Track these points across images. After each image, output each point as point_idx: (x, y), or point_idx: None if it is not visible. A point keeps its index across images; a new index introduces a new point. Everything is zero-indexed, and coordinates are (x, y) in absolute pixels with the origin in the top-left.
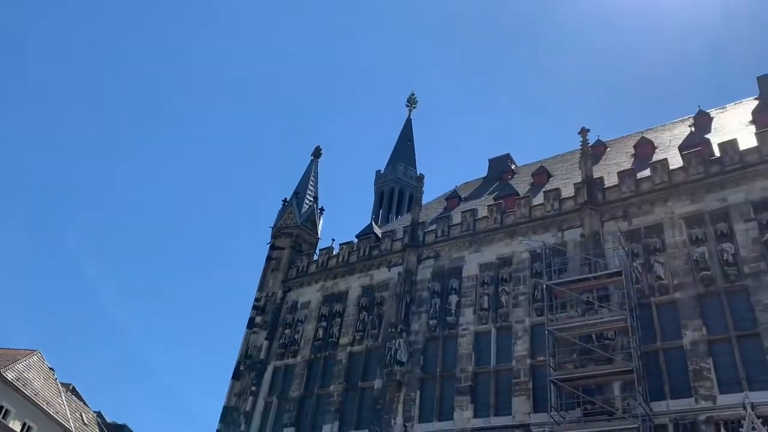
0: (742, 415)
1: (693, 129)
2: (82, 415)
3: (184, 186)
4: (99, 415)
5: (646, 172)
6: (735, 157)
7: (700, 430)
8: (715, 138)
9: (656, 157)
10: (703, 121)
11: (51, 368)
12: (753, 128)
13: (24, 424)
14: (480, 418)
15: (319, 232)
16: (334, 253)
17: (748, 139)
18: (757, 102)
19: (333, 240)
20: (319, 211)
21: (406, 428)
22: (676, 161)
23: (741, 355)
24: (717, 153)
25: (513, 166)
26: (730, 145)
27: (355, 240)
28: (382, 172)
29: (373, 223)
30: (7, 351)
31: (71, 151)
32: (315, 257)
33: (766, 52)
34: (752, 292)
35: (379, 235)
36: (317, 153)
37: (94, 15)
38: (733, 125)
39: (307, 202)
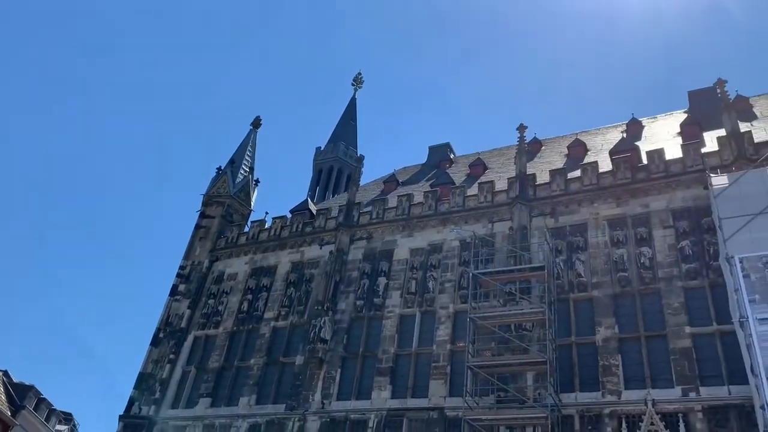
0: (643, 411)
1: (625, 135)
2: None
3: (119, 142)
4: (5, 374)
5: (577, 173)
6: (661, 165)
7: (603, 422)
8: (645, 146)
9: (588, 159)
10: (635, 129)
11: None
12: (680, 140)
13: None
14: (397, 399)
15: (252, 203)
16: (266, 226)
17: (674, 150)
18: (686, 115)
19: (266, 213)
20: (254, 182)
21: (323, 405)
22: (605, 165)
23: (648, 354)
24: (645, 160)
25: (452, 156)
26: (657, 154)
27: (289, 215)
28: (322, 149)
29: (309, 199)
30: None
31: None
32: (246, 229)
33: (702, 67)
34: (664, 295)
35: (314, 212)
36: (257, 123)
37: None
38: (662, 135)
39: (242, 172)
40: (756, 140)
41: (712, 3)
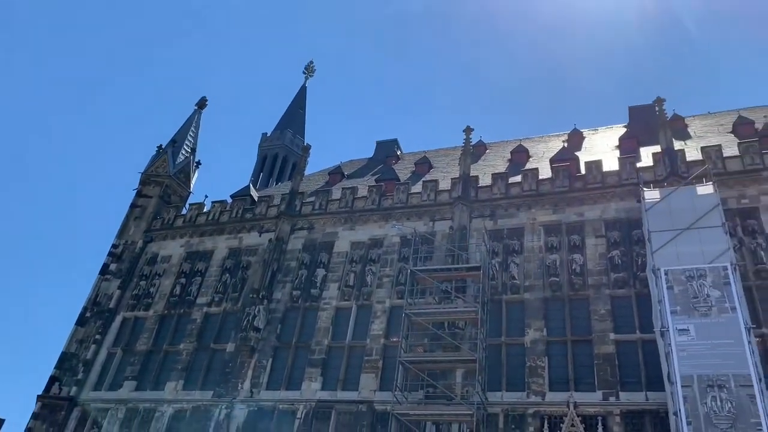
0: (565, 412)
1: (566, 145)
2: None
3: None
4: None
5: (518, 178)
6: (597, 176)
7: (526, 422)
8: (584, 156)
9: (529, 165)
10: (576, 139)
11: None
12: (618, 153)
13: None
14: (327, 391)
15: (191, 185)
16: (204, 210)
17: (611, 162)
18: (625, 129)
19: (206, 197)
20: (195, 164)
21: (252, 393)
22: (545, 172)
23: (573, 357)
24: (583, 170)
25: (399, 152)
26: (595, 165)
27: (230, 200)
28: (268, 135)
29: (251, 185)
30: None
31: None
32: (184, 211)
33: (648, 82)
34: (592, 302)
35: (255, 199)
36: (202, 104)
37: None
38: (602, 147)
39: (183, 152)
40: (688, 159)
41: (670, 19)
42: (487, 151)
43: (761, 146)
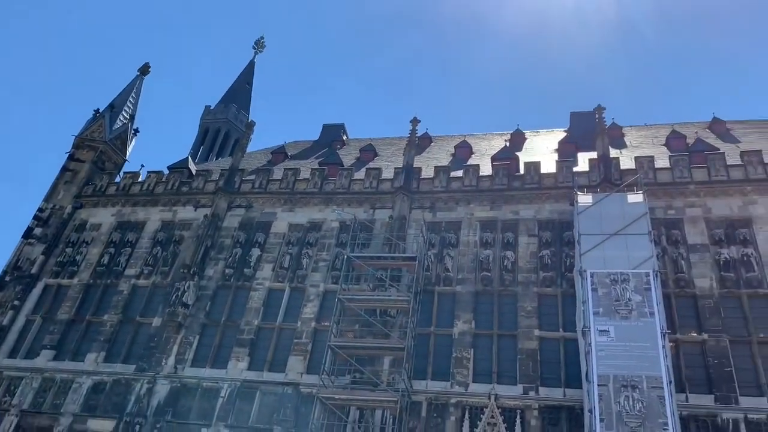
0: (486, 404)
1: (508, 144)
2: None
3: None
4: None
5: (459, 173)
6: (535, 177)
7: (448, 411)
8: (524, 157)
9: (471, 161)
10: (518, 139)
11: None
12: (556, 156)
13: None
14: (253, 371)
15: (128, 153)
16: (140, 179)
17: (549, 165)
18: (565, 134)
19: (142, 166)
20: (133, 131)
21: (176, 369)
22: (486, 169)
23: (498, 351)
24: (522, 170)
25: (345, 137)
26: (533, 166)
27: (166, 171)
28: (212, 108)
29: (190, 158)
30: None
31: None
32: (117, 179)
33: (593, 88)
34: (520, 298)
35: (193, 172)
36: (145, 70)
37: None
38: (542, 149)
39: (122, 119)
40: (622, 167)
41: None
42: (432, 143)
43: (691, 161)
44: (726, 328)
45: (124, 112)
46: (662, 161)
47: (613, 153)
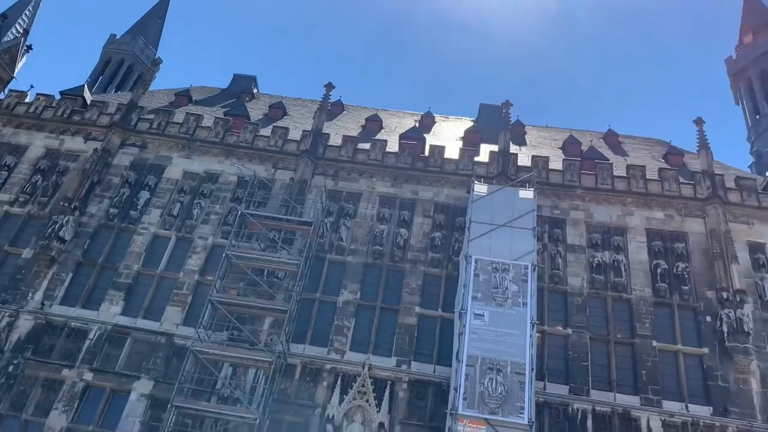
0: (359, 372)
1: (417, 125)
2: None
3: None
4: None
5: (366, 146)
6: (438, 161)
7: (322, 376)
8: (431, 139)
9: (380, 136)
10: (427, 121)
11: None
12: (461, 143)
13: None
14: (127, 317)
15: (16, 70)
16: (27, 100)
17: (453, 151)
18: (472, 123)
19: (31, 86)
20: (25, 47)
21: (43, 306)
22: (393, 146)
23: (378, 323)
24: (427, 152)
25: (255, 91)
26: (438, 150)
27: (58, 96)
28: (117, 38)
29: (87, 87)
30: None
31: None
32: (2, 96)
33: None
34: (407, 275)
35: (88, 102)
36: None
37: None
38: (448, 135)
39: (14, 32)
40: (519, 163)
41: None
42: (344, 112)
43: (582, 167)
44: (589, 325)
45: (17, 25)
46: (556, 163)
47: (513, 149)
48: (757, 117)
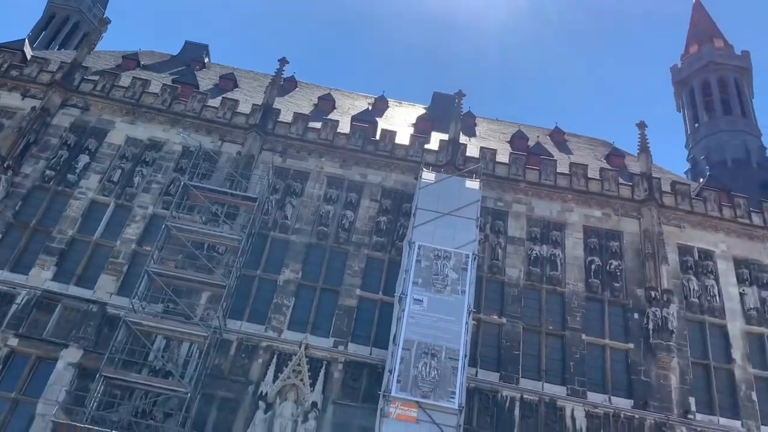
0: (296, 351)
1: (370, 108)
2: None
3: None
4: None
5: (317, 125)
6: (389, 146)
7: (257, 354)
8: (383, 124)
9: (332, 116)
10: (381, 105)
11: None
12: (412, 130)
13: None
14: (58, 282)
15: None
16: None
17: (404, 137)
18: (425, 111)
19: None
20: None
21: None
22: (345, 127)
23: (318, 304)
24: (378, 136)
25: (207, 60)
26: (389, 135)
27: None
28: None
29: (27, 41)
30: None
31: None
32: None
33: (468, 72)
34: (350, 257)
35: (28, 57)
36: None
37: None
38: (400, 120)
39: None
40: (467, 154)
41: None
42: (297, 89)
43: (527, 161)
44: (523, 315)
45: None
46: (503, 156)
47: (463, 139)
48: (696, 125)
